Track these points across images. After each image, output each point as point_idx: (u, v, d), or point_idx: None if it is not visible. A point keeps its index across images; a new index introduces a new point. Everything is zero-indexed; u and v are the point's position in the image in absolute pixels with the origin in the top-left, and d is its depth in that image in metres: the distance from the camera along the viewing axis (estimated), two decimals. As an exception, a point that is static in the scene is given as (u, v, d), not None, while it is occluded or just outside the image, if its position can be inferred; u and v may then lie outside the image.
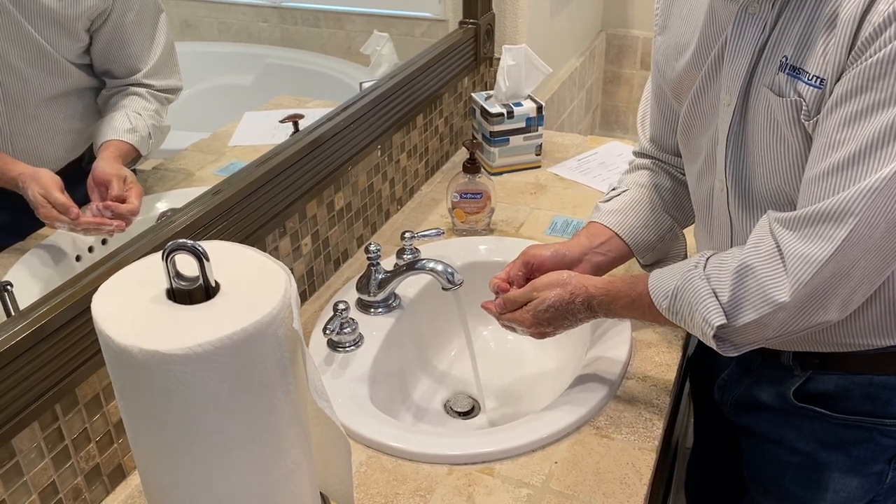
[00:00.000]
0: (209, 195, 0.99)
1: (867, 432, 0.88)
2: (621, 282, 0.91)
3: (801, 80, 0.75)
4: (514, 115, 1.50)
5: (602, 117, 2.68)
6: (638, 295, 0.88)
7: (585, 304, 0.92)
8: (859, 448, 0.90)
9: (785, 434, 0.95)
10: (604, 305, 0.91)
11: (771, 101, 0.78)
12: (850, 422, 0.89)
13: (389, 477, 0.90)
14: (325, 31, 1.79)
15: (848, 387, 0.88)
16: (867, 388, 0.87)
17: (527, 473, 0.90)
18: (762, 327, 0.79)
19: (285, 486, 0.68)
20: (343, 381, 1.02)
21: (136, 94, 1.05)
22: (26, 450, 0.77)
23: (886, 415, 0.87)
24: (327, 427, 0.70)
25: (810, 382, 0.91)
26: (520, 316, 0.95)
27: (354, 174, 1.27)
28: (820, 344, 0.88)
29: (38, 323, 0.75)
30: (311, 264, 1.20)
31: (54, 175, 0.94)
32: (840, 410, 0.89)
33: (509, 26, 1.71)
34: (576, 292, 0.92)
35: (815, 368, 0.90)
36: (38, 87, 0.99)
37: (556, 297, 0.92)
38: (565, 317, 0.93)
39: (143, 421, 0.63)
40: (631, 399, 1.00)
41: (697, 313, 0.81)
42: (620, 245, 1.03)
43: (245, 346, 0.58)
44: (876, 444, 0.88)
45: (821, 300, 0.75)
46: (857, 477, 0.91)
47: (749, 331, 0.80)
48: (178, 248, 0.59)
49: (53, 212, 0.93)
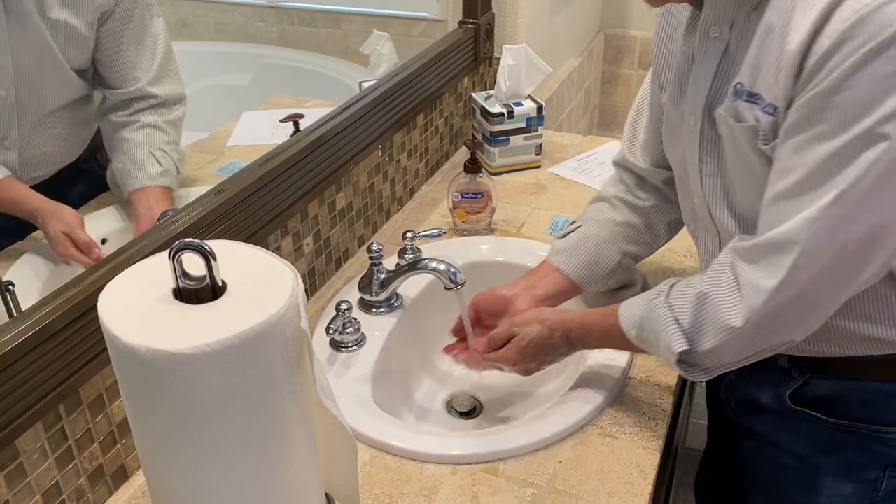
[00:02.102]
0: (211, 195, 0.98)
1: (862, 438, 0.89)
2: (595, 314, 0.95)
3: (757, 105, 0.77)
4: (515, 115, 1.50)
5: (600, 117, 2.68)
6: (610, 326, 0.91)
7: (564, 337, 0.95)
8: (853, 454, 0.90)
9: (782, 436, 0.95)
10: (581, 338, 0.95)
11: (731, 124, 0.81)
12: (845, 427, 0.89)
13: (394, 477, 0.90)
14: (323, 31, 1.79)
15: (843, 392, 0.89)
16: (863, 394, 0.88)
17: (531, 473, 0.89)
18: (725, 351, 0.81)
19: (291, 485, 0.68)
20: (346, 381, 1.02)
21: (152, 125, 1.05)
22: (30, 450, 0.77)
23: (881, 421, 0.87)
24: (333, 427, 0.70)
25: (807, 386, 0.91)
26: (504, 354, 0.99)
27: (355, 174, 1.27)
28: (815, 348, 0.88)
29: (42, 323, 0.75)
30: (312, 264, 1.20)
31: (76, 213, 0.95)
32: (835, 415, 0.89)
33: (509, 26, 1.71)
34: (554, 327, 0.96)
35: (813, 372, 0.90)
36: (50, 100, 1.00)
37: (536, 333, 0.96)
38: (547, 352, 0.97)
39: (149, 420, 0.63)
40: (634, 399, 1.00)
41: (662, 341, 0.84)
42: (561, 280, 1.07)
43: (253, 345, 0.58)
44: (870, 451, 0.89)
45: (778, 324, 0.78)
46: (850, 483, 0.91)
47: (712, 356, 0.82)
48: (184, 247, 0.59)
49: (73, 250, 0.93)
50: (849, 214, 0.71)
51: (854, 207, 0.70)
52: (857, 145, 0.68)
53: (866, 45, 0.66)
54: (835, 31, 0.67)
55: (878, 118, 0.67)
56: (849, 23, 0.66)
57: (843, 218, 0.71)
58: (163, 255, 0.61)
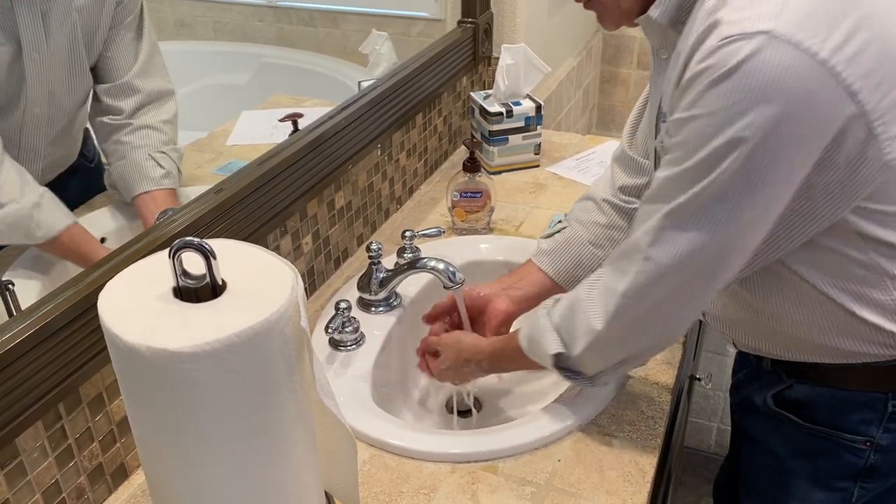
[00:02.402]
0: (210, 194, 0.99)
1: (831, 445, 0.89)
2: (503, 340, 1.00)
3: (665, 124, 0.80)
4: (513, 115, 1.51)
5: (599, 117, 2.69)
6: (513, 349, 0.95)
7: (477, 366, 1.02)
8: (824, 459, 0.91)
9: (769, 438, 0.96)
10: (493, 365, 1.01)
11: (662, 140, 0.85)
12: (816, 432, 0.90)
13: (393, 475, 0.90)
14: (321, 31, 1.79)
15: (815, 397, 0.89)
16: (831, 400, 0.88)
17: (530, 471, 0.90)
18: (596, 355, 0.86)
19: (290, 484, 0.68)
20: (345, 380, 1.02)
21: (147, 126, 1.06)
22: (30, 449, 0.77)
23: (845, 429, 0.88)
24: (333, 426, 0.70)
25: (790, 390, 0.92)
26: (431, 365, 1.06)
27: (354, 173, 1.27)
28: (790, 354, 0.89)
29: (41, 322, 0.75)
30: (311, 263, 1.20)
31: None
32: (809, 420, 0.90)
33: (507, 25, 1.71)
34: (469, 358, 1.02)
35: (797, 377, 0.91)
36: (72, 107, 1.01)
37: (452, 359, 1.03)
38: (464, 374, 1.04)
39: (150, 419, 0.63)
40: (632, 397, 1.00)
41: (542, 347, 0.89)
42: (543, 280, 1.09)
43: (253, 343, 0.58)
44: (839, 459, 0.89)
45: (640, 327, 0.81)
46: (821, 490, 0.92)
47: (586, 360, 0.87)
48: (184, 245, 0.59)
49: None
50: (682, 227, 0.74)
51: (687, 222, 0.74)
52: (697, 170, 0.71)
53: (710, 77, 0.68)
54: (697, 61, 0.70)
55: (711, 150, 0.70)
56: (706, 52, 0.69)
57: (679, 229, 0.74)
58: (163, 254, 0.61)
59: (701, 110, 0.70)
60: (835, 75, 0.66)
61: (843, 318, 0.81)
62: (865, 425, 0.86)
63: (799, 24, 0.66)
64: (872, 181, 0.72)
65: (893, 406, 0.84)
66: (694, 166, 0.71)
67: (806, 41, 0.65)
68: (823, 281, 0.80)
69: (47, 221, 0.92)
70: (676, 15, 0.78)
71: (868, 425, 0.86)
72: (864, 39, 0.67)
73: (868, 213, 0.75)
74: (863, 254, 0.77)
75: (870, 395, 0.85)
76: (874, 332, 0.81)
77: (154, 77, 1.07)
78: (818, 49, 0.65)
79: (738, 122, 0.67)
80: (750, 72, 0.66)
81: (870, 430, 0.86)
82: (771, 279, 0.84)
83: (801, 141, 0.68)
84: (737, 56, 0.66)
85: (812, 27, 0.66)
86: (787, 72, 0.65)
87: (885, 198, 0.74)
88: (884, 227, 0.76)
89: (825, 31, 0.66)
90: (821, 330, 0.84)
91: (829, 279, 0.80)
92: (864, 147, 0.70)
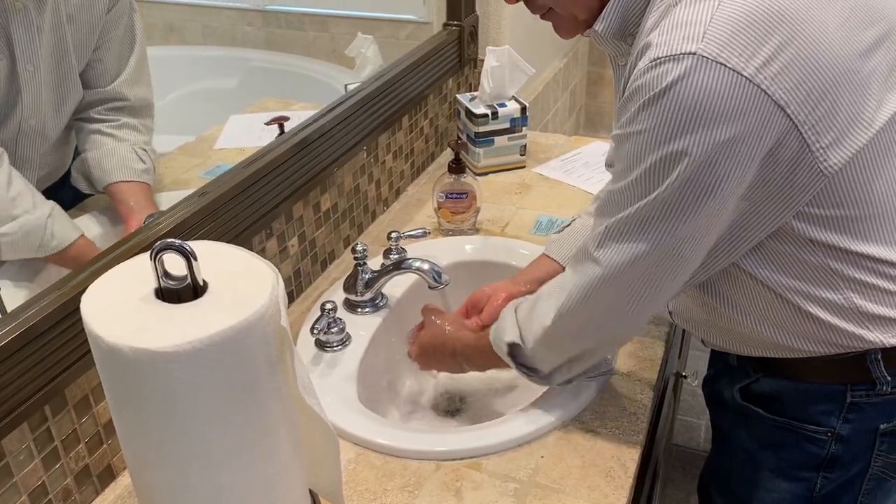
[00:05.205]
0: (196, 196, 0.99)
1: (794, 436, 0.91)
2: (476, 338, 1.02)
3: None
4: (499, 116, 1.52)
5: (586, 118, 2.70)
6: (484, 346, 0.98)
7: (451, 352, 1.05)
8: (787, 451, 0.92)
9: (737, 431, 0.98)
10: (465, 357, 1.03)
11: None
12: (780, 424, 0.91)
13: (378, 473, 0.91)
14: (310, 35, 1.80)
15: (779, 390, 0.91)
16: (794, 393, 0.90)
17: (513, 468, 0.91)
18: (547, 350, 0.90)
19: (275, 483, 0.69)
20: (331, 381, 1.03)
21: (130, 126, 1.07)
22: (16, 451, 0.77)
23: (808, 420, 0.89)
24: (316, 424, 0.71)
25: (756, 384, 0.94)
26: (414, 343, 1.10)
27: (340, 175, 1.28)
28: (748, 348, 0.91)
29: (27, 325, 0.76)
30: (297, 265, 1.21)
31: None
32: (774, 412, 0.92)
33: (493, 28, 1.72)
34: (446, 342, 1.05)
35: (764, 371, 0.92)
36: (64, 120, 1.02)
37: (430, 336, 1.07)
38: (439, 360, 1.08)
39: (133, 419, 0.64)
40: (615, 394, 1.01)
41: (501, 339, 0.93)
42: (551, 266, 1.11)
43: (234, 342, 0.59)
44: (802, 450, 0.91)
45: (586, 325, 0.85)
46: (785, 480, 0.93)
47: (538, 355, 0.91)
48: (165, 247, 0.60)
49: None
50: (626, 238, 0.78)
51: (630, 234, 0.77)
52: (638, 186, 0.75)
53: (644, 97, 0.71)
54: (632, 81, 0.73)
55: (648, 167, 0.73)
56: (639, 73, 0.72)
57: (623, 240, 0.78)
58: (144, 257, 0.62)
59: (638, 127, 0.72)
60: (763, 90, 0.68)
61: (796, 316, 0.83)
62: (826, 416, 0.87)
63: (724, 44, 0.68)
64: (811, 188, 0.75)
65: (852, 397, 0.86)
66: (635, 182, 0.75)
67: (731, 60, 0.67)
68: (775, 281, 0.82)
69: (61, 232, 0.94)
70: (620, 30, 0.81)
71: (829, 416, 0.87)
72: (790, 56, 0.69)
73: (811, 217, 0.77)
74: (811, 255, 0.79)
75: (830, 388, 0.87)
76: (827, 330, 0.83)
77: (139, 86, 1.08)
78: (743, 67, 0.68)
79: (675, 142, 0.70)
80: (680, 92, 0.68)
81: (830, 420, 0.87)
82: (724, 280, 0.86)
83: (737, 156, 0.70)
84: (667, 77, 0.69)
85: (737, 47, 0.68)
86: (717, 90, 0.68)
87: (826, 202, 0.76)
88: (827, 230, 0.78)
89: (750, 49, 0.68)
90: (775, 328, 0.85)
91: (781, 279, 0.82)
92: (798, 157, 0.72)
